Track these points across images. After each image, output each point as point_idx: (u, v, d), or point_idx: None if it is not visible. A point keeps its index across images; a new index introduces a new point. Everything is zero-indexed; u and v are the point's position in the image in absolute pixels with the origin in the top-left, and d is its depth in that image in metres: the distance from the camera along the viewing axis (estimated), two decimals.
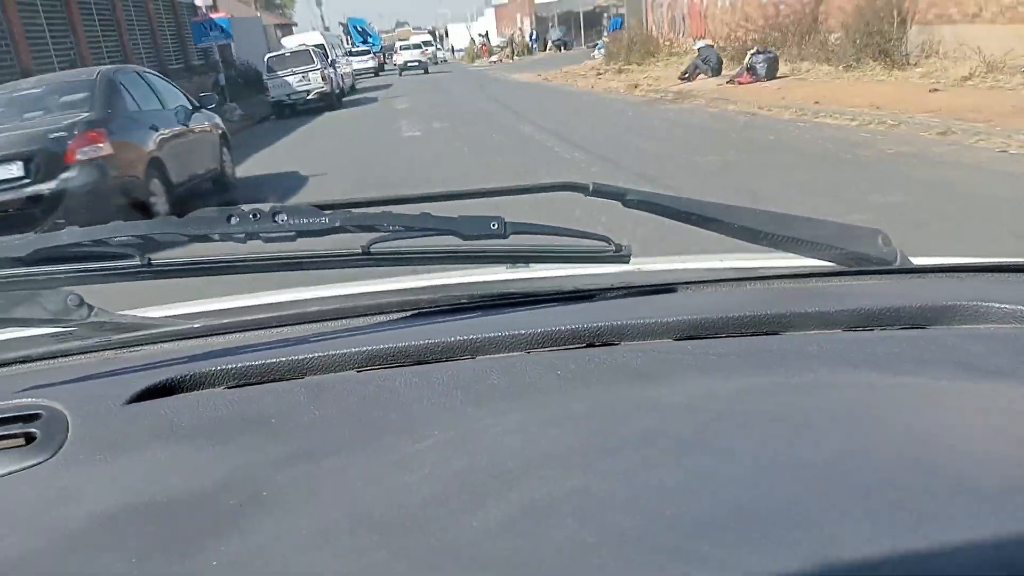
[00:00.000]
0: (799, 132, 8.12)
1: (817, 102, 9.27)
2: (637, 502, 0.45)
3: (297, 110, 17.34)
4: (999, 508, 0.42)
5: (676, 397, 0.61)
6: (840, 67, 11.95)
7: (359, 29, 47.17)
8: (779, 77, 12.19)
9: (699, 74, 13.93)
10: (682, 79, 13.90)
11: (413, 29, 59.29)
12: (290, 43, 24.62)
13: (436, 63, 42.61)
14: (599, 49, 26.72)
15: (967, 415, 0.56)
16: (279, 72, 17.70)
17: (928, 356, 0.68)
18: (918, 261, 0.93)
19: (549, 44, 42.88)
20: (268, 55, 18.71)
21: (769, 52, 12.51)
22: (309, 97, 17.63)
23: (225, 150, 8.15)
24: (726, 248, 0.99)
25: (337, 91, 19.23)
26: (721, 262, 1.04)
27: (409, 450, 0.57)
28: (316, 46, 20.85)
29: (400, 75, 34.76)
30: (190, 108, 7.42)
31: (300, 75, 17.64)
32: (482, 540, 0.43)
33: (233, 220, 0.76)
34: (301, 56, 18.30)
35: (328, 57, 20.59)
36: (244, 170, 9.05)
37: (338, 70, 21.27)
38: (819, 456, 0.49)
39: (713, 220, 0.86)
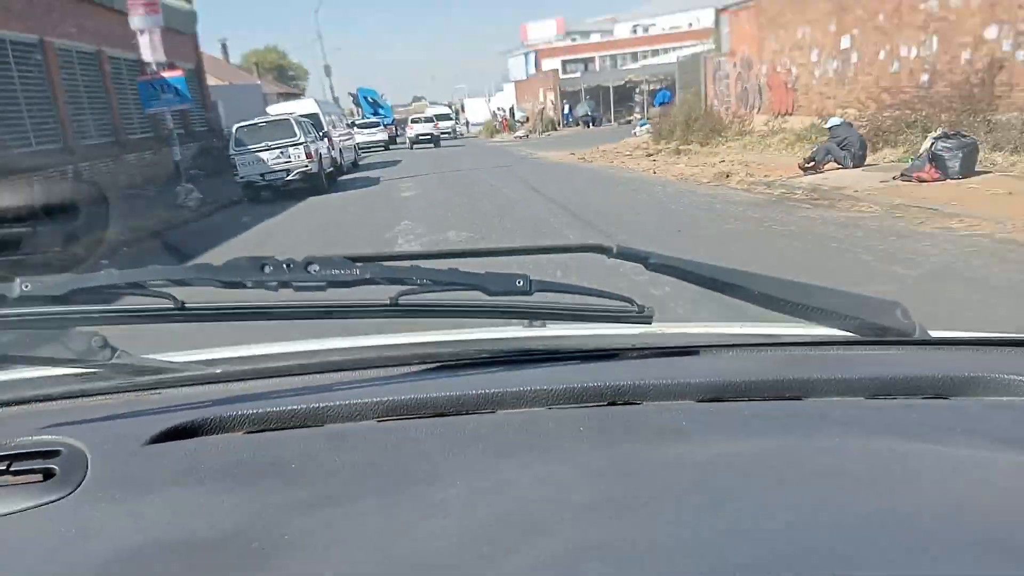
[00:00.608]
0: None
1: None
2: (662, 555, 0.49)
3: (276, 192, 15.62)
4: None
5: (700, 456, 0.67)
6: None
7: (369, 100, 47.29)
8: (978, 172, 9.39)
9: (829, 161, 11.43)
10: (806, 169, 11.42)
11: (430, 103, 59.12)
12: (275, 111, 23.06)
13: (454, 136, 45.12)
14: (641, 125, 26.90)
15: (993, 484, 0.61)
16: (250, 146, 15.61)
17: (952, 425, 0.73)
18: (937, 334, 1.00)
19: (576, 120, 43.39)
20: (237, 125, 16.51)
21: (964, 136, 9.64)
22: (289, 177, 15.58)
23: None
24: (747, 317, 1.08)
25: (329, 169, 18.12)
26: (742, 328, 1.10)
27: (433, 499, 0.61)
28: (306, 115, 19.34)
29: (411, 148, 36.63)
30: None
31: (277, 151, 15.61)
32: None
33: (267, 269, 0.83)
34: (280, 127, 16.27)
35: (321, 128, 19.28)
36: None
37: (336, 143, 20.60)
38: (852, 511, 0.54)
39: (733, 286, 0.93)
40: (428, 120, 38.96)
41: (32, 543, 0.60)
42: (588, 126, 42.15)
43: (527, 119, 43.23)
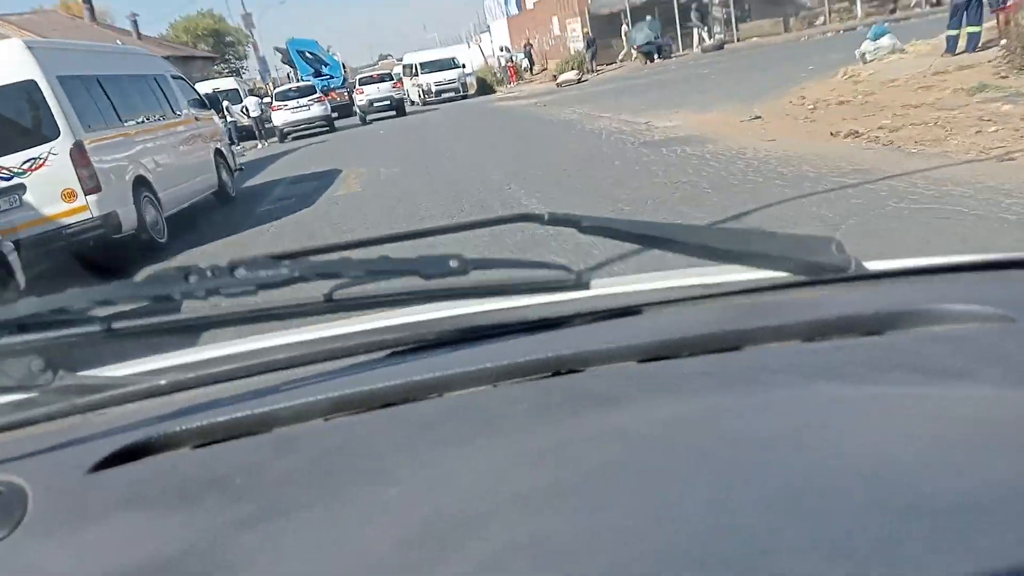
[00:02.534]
0: None
1: None
2: (595, 545, 0.49)
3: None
4: (955, 529, 0.45)
5: (638, 425, 0.67)
6: None
7: (307, 55, 34.29)
8: None
9: None
10: None
11: (396, 60, 51.68)
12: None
13: (461, 94, 33.44)
14: (875, 38, 13.39)
15: (926, 424, 0.61)
16: None
17: (886, 363, 0.74)
18: (873, 266, 1.00)
19: (632, 52, 30.64)
20: None
21: None
22: None
23: None
24: (685, 267, 1.06)
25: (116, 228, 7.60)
26: (683, 279, 1.09)
27: (376, 500, 0.61)
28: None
29: (365, 122, 27.17)
30: None
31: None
32: None
33: (191, 278, 0.81)
34: None
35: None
36: None
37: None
38: (777, 483, 0.54)
39: (669, 241, 0.93)
40: (385, 79, 28.60)
41: None
42: (651, 59, 28.99)
43: (586, 50, 30.45)
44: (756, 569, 0.43)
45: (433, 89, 31.99)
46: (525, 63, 36.72)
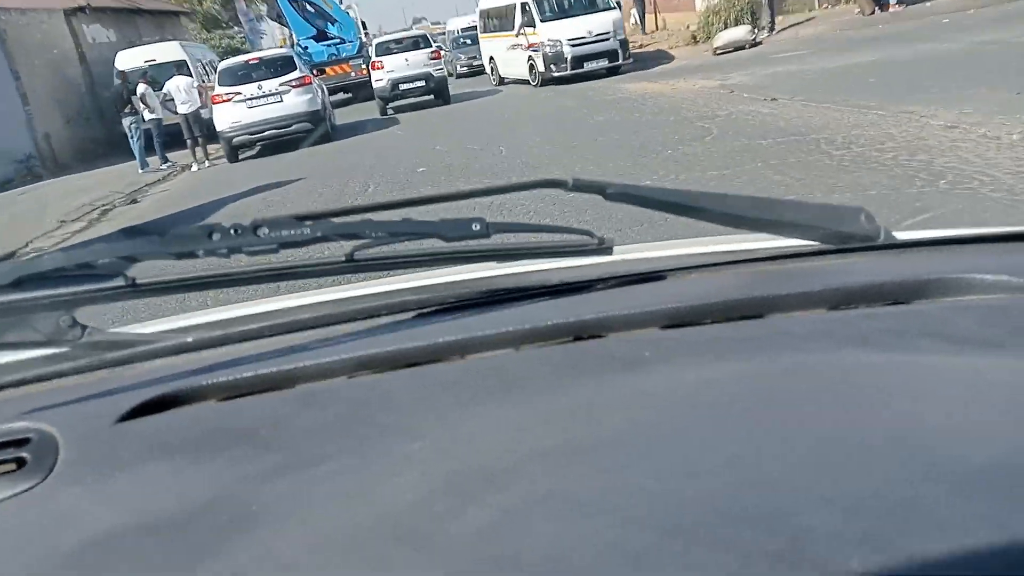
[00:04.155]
0: None
1: None
2: (616, 500, 0.49)
3: None
4: (984, 487, 0.45)
5: (661, 388, 0.67)
6: None
7: (307, 5, 22.15)
8: None
9: None
10: None
11: (433, 24, 42.05)
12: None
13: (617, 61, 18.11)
14: None
15: (951, 393, 0.61)
16: None
17: (913, 331, 0.73)
18: (903, 236, 0.97)
19: None
20: None
21: None
22: None
23: None
24: (711, 235, 1.03)
25: None
26: (706, 247, 1.07)
27: (399, 454, 0.62)
28: None
29: (384, 112, 17.01)
30: None
31: None
32: (463, 550, 0.47)
33: (215, 236, 0.82)
34: None
35: None
36: None
37: None
38: (800, 442, 0.54)
39: (695, 208, 0.92)
40: (418, 44, 17.71)
41: (6, 534, 0.61)
42: (883, 4, 17.29)
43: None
44: (777, 522, 0.44)
45: (567, 53, 16.44)
46: (635, 18, 25.07)
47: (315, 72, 17.46)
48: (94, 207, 10.85)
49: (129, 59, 16.45)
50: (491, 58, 20.21)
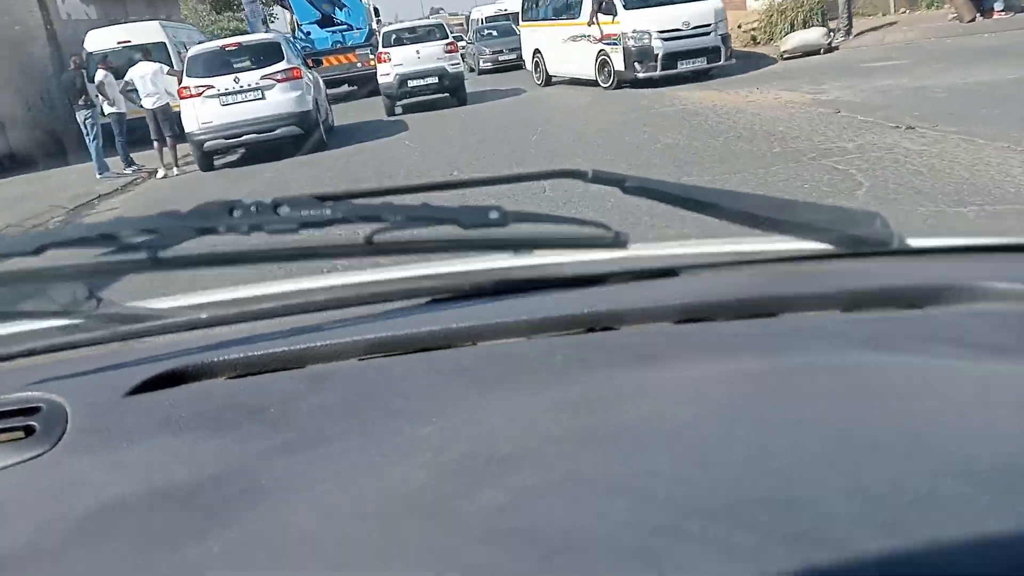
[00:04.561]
0: None
1: None
2: (628, 485, 0.49)
3: None
4: (994, 488, 0.45)
5: (672, 382, 0.67)
6: None
7: None
8: None
9: None
10: None
11: (451, 15, 39.56)
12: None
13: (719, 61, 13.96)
14: None
15: (965, 395, 0.61)
16: None
17: (926, 336, 0.73)
18: (916, 242, 0.98)
19: None
20: None
21: None
22: None
23: None
24: (726, 234, 1.02)
25: None
26: (721, 246, 1.08)
27: (409, 436, 0.62)
28: None
29: (391, 114, 14.59)
30: None
31: None
32: (476, 526, 0.47)
33: (236, 213, 0.82)
34: None
35: None
36: None
37: None
38: (815, 437, 0.53)
39: (711, 205, 0.91)
40: (432, 34, 15.00)
41: (12, 500, 0.61)
42: (984, 10, 15.11)
43: None
44: (797, 507, 0.44)
45: (657, 48, 12.86)
46: None
47: (311, 63, 14.98)
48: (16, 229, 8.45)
49: (99, 40, 14.46)
50: (536, 51, 16.12)
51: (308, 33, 19.56)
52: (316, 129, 11.23)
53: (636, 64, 13.06)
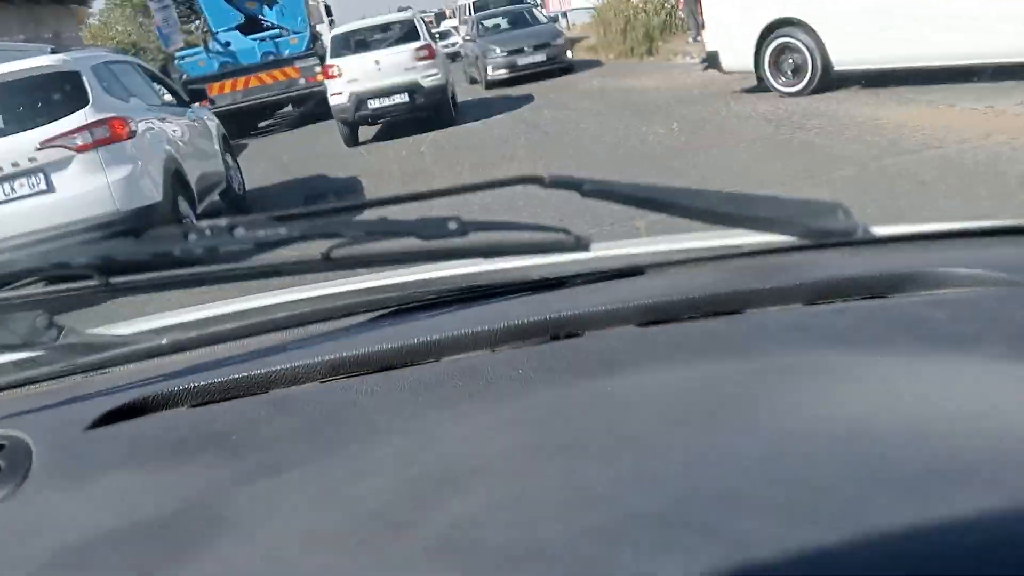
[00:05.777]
0: None
1: None
2: (569, 506, 0.50)
3: None
4: (922, 494, 0.45)
5: (632, 390, 0.68)
6: None
7: None
8: None
9: None
10: None
11: (423, 14, 31.74)
12: None
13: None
14: None
15: (918, 392, 0.61)
16: None
17: (887, 326, 0.74)
18: (880, 231, 0.98)
19: None
20: None
21: None
22: None
23: None
24: (691, 230, 1.02)
25: None
26: (686, 242, 1.07)
27: (368, 459, 0.62)
28: None
29: (356, 142, 10.81)
30: None
31: None
32: (418, 557, 0.47)
33: (190, 236, 0.82)
34: None
35: None
36: None
37: None
38: (755, 448, 0.53)
39: (672, 204, 0.92)
40: (402, 38, 10.95)
41: None
42: None
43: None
44: (717, 530, 0.44)
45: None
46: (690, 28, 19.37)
47: (214, 90, 12.21)
48: None
49: None
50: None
51: (228, 44, 14.29)
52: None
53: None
